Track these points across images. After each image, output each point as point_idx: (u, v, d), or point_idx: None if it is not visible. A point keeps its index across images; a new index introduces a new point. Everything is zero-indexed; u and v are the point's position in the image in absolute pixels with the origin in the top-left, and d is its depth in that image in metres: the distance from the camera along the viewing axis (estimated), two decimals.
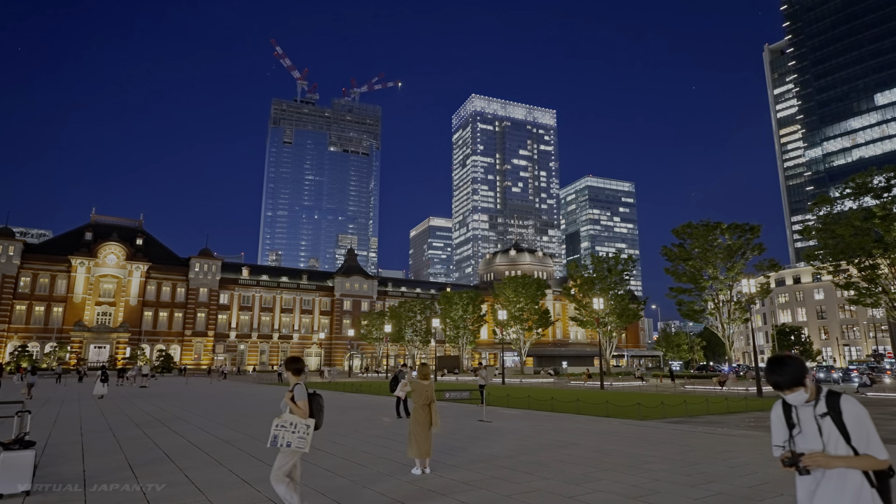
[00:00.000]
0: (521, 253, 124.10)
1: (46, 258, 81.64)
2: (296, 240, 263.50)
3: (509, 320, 69.58)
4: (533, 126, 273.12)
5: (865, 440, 2.75)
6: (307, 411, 5.45)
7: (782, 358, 2.96)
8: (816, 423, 2.87)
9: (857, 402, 2.87)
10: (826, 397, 2.92)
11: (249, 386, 42.60)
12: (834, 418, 2.82)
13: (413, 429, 8.61)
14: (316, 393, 5.66)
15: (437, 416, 8.80)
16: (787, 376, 2.90)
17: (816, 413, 2.89)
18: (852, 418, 2.80)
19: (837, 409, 2.83)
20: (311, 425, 5.45)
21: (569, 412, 19.04)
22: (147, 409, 20.89)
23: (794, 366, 2.92)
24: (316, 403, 5.57)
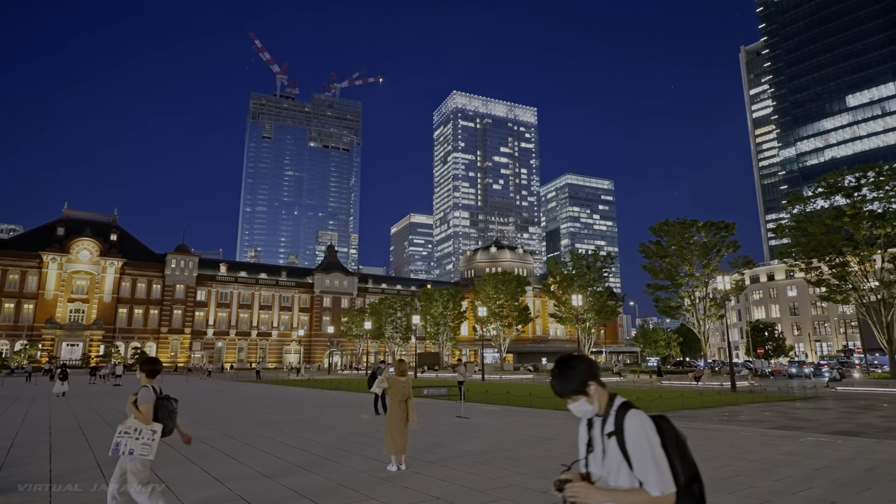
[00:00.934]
0: (501, 250, 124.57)
1: (16, 253, 79.51)
2: (275, 236, 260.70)
3: (489, 317, 69.83)
4: (514, 123, 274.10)
5: (644, 469, 2.19)
6: (150, 417, 5.07)
7: (566, 359, 2.45)
8: (602, 444, 2.35)
9: (643, 420, 2.27)
10: (616, 411, 2.35)
11: (227, 384, 42.08)
12: (619, 439, 2.27)
13: (389, 425, 8.58)
14: (167, 397, 5.32)
15: (413, 412, 8.78)
16: (566, 382, 2.38)
17: (605, 431, 2.35)
18: (633, 440, 2.23)
19: (622, 427, 2.28)
20: (158, 431, 5.09)
21: (547, 408, 19.18)
22: (120, 407, 20.48)
23: (576, 369, 2.39)
24: (164, 408, 5.18)
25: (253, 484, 7.59)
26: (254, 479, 7.87)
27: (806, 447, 10.57)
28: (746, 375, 38.99)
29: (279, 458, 9.53)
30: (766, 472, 8.24)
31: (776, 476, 7.93)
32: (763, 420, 15.88)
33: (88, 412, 18.42)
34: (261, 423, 14.95)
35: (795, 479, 7.68)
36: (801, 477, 7.85)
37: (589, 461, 2.40)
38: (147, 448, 5.01)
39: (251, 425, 14.57)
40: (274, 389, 33.33)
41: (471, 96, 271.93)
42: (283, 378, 52.82)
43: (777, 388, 31.93)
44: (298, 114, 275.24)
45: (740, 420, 15.92)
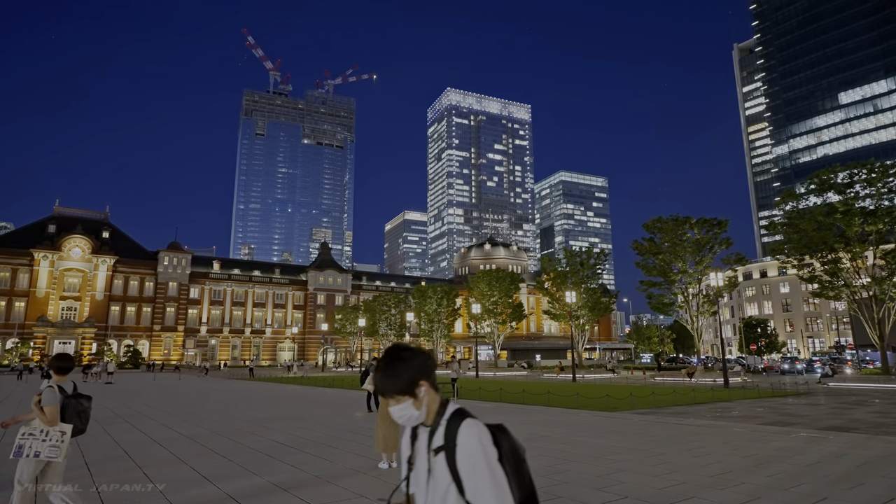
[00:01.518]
0: (495, 247, 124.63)
1: (7, 251, 78.83)
2: (269, 233, 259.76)
3: (483, 314, 69.88)
4: (508, 121, 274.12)
5: (481, 495, 1.72)
6: (56, 418, 4.81)
7: (398, 350, 1.99)
8: (428, 462, 1.87)
9: (481, 433, 1.82)
10: (448, 421, 1.87)
11: (220, 382, 41.90)
12: (448, 456, 1.79)
13: (380, 423, 8.53)
14: (78, 395, 5.08)
15: None
16: (393, 379, 1.92)
17: (432, 445, 1.86)
18: (466, 458, 1.76)
19: (454, 441, 1.80)
20: (67, 432, 4.84)
21: (540, 404, 19.18)
22: (111, 405, 20.33)
23: (408, 364, 1.94)
24: (72, 407, 4.93)
25: (242, 482, 7.51)
26: (243, 477, 7.79)
27: (798, 443, 10.59)
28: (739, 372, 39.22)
29: (270, 457, 9.45)
30: (758, 467, 8.24)
31: (768, 472, 7.93)
32: (755, 416, 15.93)
33: None
34: (253, 421, 14.85)
35: (787, 475, 7.69)
36: (793, 473, 7.86)
37: (410, 481, 1.94)
38: (56, 450, 4.79)
39: (243, 423, 14.47)
40: (267, 387, 33.21)
41: (465, 93, 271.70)
42: (276, 376, 52.65)
43: (769, 384, 32.11)
44: (292, 110, 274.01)
45: (732, 416, 15.97)
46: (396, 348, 2.00)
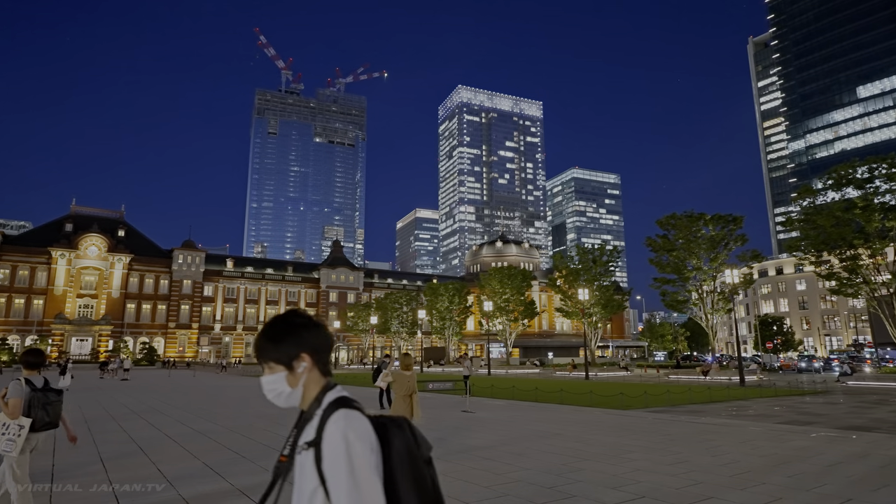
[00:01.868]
0: (507, 244, 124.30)
1: (26, 250, 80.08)
2: (281, 231, 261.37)
3: (495, 311, 69.70)
4: (519, 117, 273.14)
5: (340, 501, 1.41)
6: (18, 411, 4.78)
7: (287, 314, 1.72)
8: (300, 458, 1.58)
9: (350, 424, 1.49)
10: (325, 410, 1.57)
11: (234, 378, 42.20)
12: (316, 453, 1.51)
13: None
14: (46, 389, 5.06)
15: (418, 407, 8.68)
16: (271, 343, 1.69)
17: (303, 437, 1.59)
18: (328, 459, 1.47)
19: (321, 436, 1.51)
20: (26, 426, 4.80)
21: (553, 402, 19.04)
22: (126, 401, 20.53)
23: (292, 330, 1.67)
24: (38, 400, 4.92)
25: (254, 478, 7.49)
26: (255, 473, 7.77)
27: (818, 443, 10.37)
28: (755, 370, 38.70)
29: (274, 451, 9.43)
30: (778, 467, 8.06)
31: (788, 472, 7.75)
32: (772, 415, 15.67)
33: (95, 407, 18.45)
34: (265, 417, 14.89)
35: (808, 476, 7.50)
36: (814, 473, 7.67)
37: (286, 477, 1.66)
38: (11, 444, 4.77)
39: (255, 419, 14.51)
40: None
41: (476, 90, 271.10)
42: None
43: (786, 382, 31.64)
44: (303, 109, 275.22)
45: (749, 415, 15.72)
46: (289, 312, 1.72)
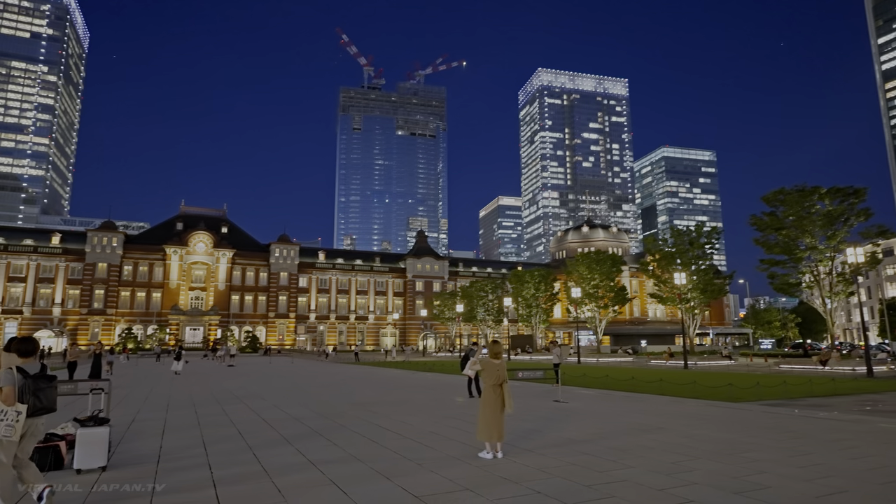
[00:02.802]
0: (594, 229, 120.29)
1: (144, 248, 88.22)
2: (368, 224, 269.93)
3: (583, 298, 67.58)
4: (603, 97, 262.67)
5: None
6: (12, 398, 4.98)
7: None
8: None
9: None
10: None
11: (327, 365, 43.95)
12: None
13: (483, 410, 8.09)
14: (40, 376, 5.27)
15: (509, 397, 8.20)
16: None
17: None
18: None
19: None
20: (22, 412, 5.01)
21: (651, 393, 17.88)
22: (230, 386, 21.79)
23: None
24: (28, 388, 5.11)
25: (344, 467, 7.40)
26: (345, 463, 7.69)
27: None
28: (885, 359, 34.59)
29: (373, 441, 9.37)
30: None
31: None
32: None
33: (202, 391, 19.70)
34: (357, 405, 15.10)
35: None
36: None
37: None
38: (10, 429, 4.97)
39: (347, 406, 14.74)
40: (371, 371, 34.25)
41: (557, 72, 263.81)
42: (380, 360, 54.44)
43: None
44: (385, 104, 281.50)
45: (886, 410, 13.81)
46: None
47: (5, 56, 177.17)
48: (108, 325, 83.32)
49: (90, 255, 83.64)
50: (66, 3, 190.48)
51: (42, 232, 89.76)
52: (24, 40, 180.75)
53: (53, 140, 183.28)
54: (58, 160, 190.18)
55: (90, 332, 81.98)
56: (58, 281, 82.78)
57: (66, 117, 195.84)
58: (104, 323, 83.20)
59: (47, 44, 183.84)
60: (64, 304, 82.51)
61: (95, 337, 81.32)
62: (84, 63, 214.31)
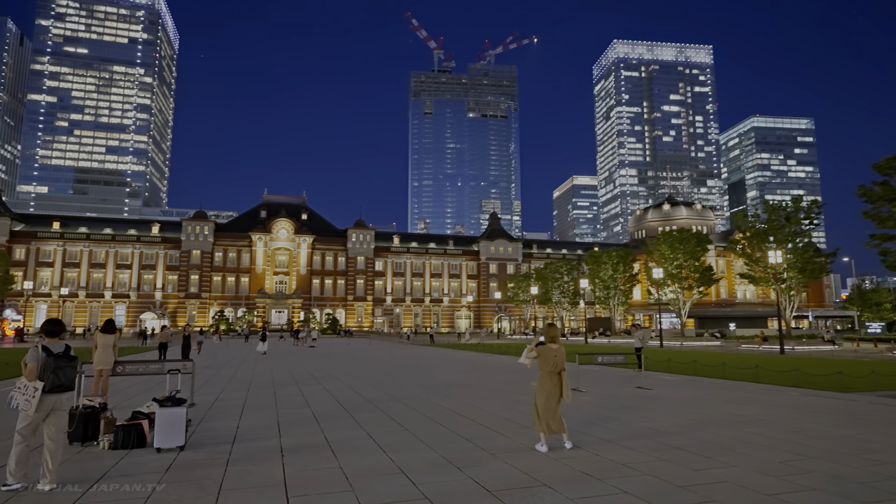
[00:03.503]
0: (675, 207, 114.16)
1: (232, 235, 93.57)
2: (441, 207, 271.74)
3: (666, 278, 64.29)
4: (685, 66, 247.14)
5: None
6: (32, 374, 5.43)
7: None
8: None
9: None
10: None
11: (403, 347, 44.64)
12: None
13: (539, 401, 7.44)
14: (61, 355, 5.64)
15: (567, 386, 7.53)
16: None
17: None
18: None
19: None
20: (39, 388, 5.39)
21: (746, 380, 16.44)
22: (309, 367, 22.45)
23: None
24: (48, 365, 5.50)
25: (414, 455, 7.12)
26: (415, 450, 7.41)
27: None
28: None
29: (444, 427, 9.06)
30: None
31: None
32: None
33: (283, 371, 20.37)
34: (429, 387, 14.93)
35: None
36: None
37: None
38: (28, 403, 5.35)
39: (420, 389, 14.60)
40: (445, 353, 34.32)
41: (633, 43, 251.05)
42: (454, 342, 54.69)
43: None
44: (456, 86, 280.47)
45: None
46: None
47: (108, 62, 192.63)
48: (203, 308, 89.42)
49: (185, 243, 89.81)
50: (158, 8, 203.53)
51: (143, 222, 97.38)
52: (123, 46, 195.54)
53: (151, 137, 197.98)
54: (155, 156, 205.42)
55: (188, 314, 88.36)
56: (158, 267, 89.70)
57: (161, 115, 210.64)
58: (199, 306, 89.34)
59: (143, 48, 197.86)
60: (164, 289, 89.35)
61: (192, 319, 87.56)
62: (175, 63, 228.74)
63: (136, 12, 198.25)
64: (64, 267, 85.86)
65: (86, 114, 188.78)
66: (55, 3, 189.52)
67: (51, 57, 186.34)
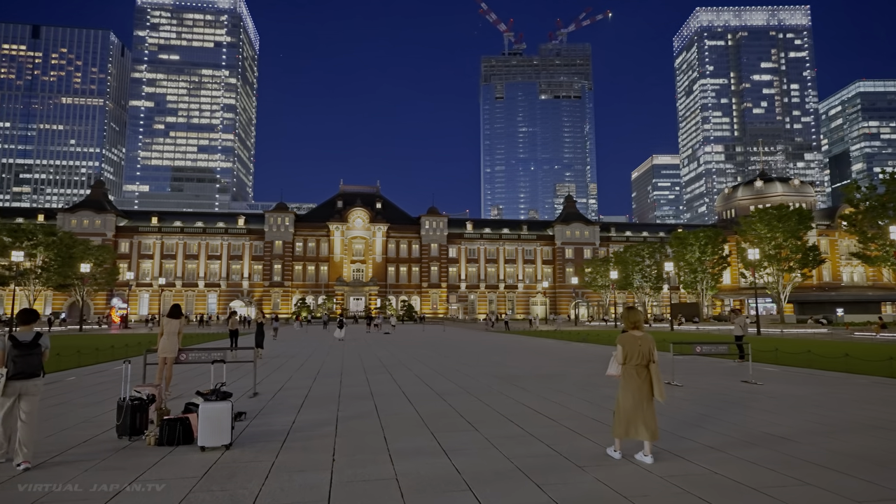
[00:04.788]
0: (769, 183, 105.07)
1: (311, 225, 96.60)
2: (514, 193, 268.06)
3: (762, 260, 59.07)
4: (778, 31, 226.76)
5: None
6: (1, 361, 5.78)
7: None
8: None
9: None
10: None
11: (477, 333, 43.77)
12: None
13: (624, 401, 6.10)
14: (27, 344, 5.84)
15: (659, 381, 6.10)
16: None
17: None
18: None
19: None
20: (3, 374, 5.69)
21: (878, 375, 14.04)
22: (381, 354, 22.01)
23: None
24: (10, 354, 5.77)
25: (479, 460, 6.09)
26: (484, 455, 6.36)
27: None
28: None
29: (519, 427, 7.95)
30: None
31: None
32: None
33: (354, 359, 20.01)
34: (504, 379, 13.85)
35: None
36: None
37: None
38: None
39: (493, 380, 13.56)
40: (520, 340, 33.06)
41: (718, 10, 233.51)
42: (530, 329, 53.18)
43: None
44: (527, 68, 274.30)
45: None
46: None
47: (196, 65, 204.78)
48: (286, 296, 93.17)
49: (268, 234, 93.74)
50: (239, 11, 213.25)
51: (230, 215, 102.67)
52: (209, 50, 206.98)
53: (237, 135, 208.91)
54: (241, 152, 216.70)
55: (272, 302, 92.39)
56: (244, 258, 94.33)
57: (245, 114, 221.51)
58: (282, 294, 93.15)
59: (227, 50, 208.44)
60: (251, 278, 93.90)
61: (277, 306, 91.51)
62: (256, 63, 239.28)
63: (220, 17, 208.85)
64: (162, 258, 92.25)
65: (179, 116, 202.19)
66: (150, 14, 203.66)
67: (148, 65, 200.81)
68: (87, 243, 70.70)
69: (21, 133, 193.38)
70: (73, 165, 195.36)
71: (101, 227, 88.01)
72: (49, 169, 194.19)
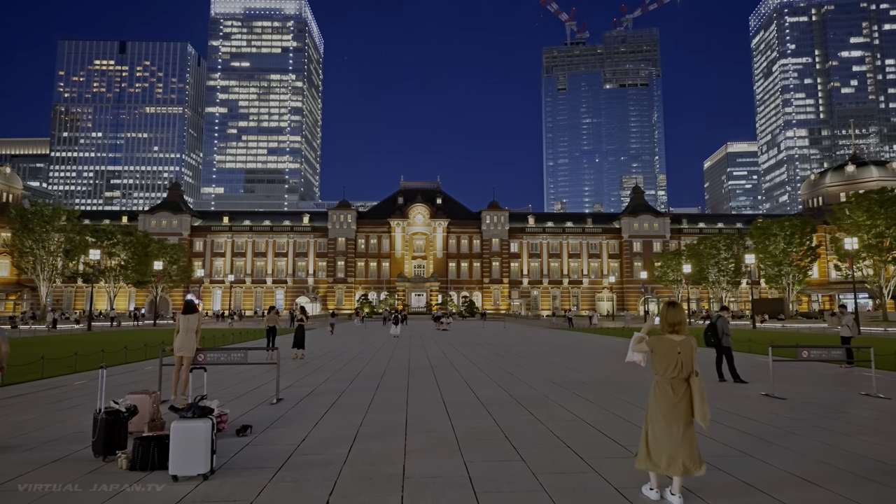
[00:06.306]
0: (863, 167, 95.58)
1: (373, 222, 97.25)
2: (578, 186, 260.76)
3: (860, 250, 53.23)
4: (870, 1, 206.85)
5: None
6: None
7: None
8: None
9: None
10: None
11: (538, 331, 41.73)
12: None
13: (651, 420, 4.54)
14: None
15: (701, 399, 4.28)
16: None
17: None
18: None
19: None
20: None
21: None
22: (431, 353, 20.67)
23: None
24: None
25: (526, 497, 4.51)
26: (528, 498, 4.76)
27: None
28: None
29: (577, 456, 6.25)
30: None
31: None
32: None
33: (401, 359, 18.77)
34: (564, 385, 12.09)
35: None
36: None
37: None
38: None
39: (552, 387, 11.82)
40: (584, 338, 30.83)
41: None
42: (593, 327, 50.36)
43: None
44: (591, 58, 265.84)
45: None
46: None
47: (265, 71, 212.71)
48: (349, 292, 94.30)
49: (331, 231, 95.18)
50: (304, 17, 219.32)
51: (296, 214, 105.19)
52: (276, 55, 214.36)
53: (304, 137, 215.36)
54: (308, 153, 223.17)
55: (336, 298, 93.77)
56: (309, 255, 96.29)
57: (311, 116, 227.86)
58: (346, 290, 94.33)
59: (293, 55, 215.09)
60: (315, 275, 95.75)
61: (340, 302, 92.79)
62: (321, 66, 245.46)
63: (286, 23, 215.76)
64: (233, 256, 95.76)
65: (250, 120, 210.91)
66: (223, 24, 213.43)
67: (221, 72, 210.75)
68: (161, 242, 74.26)
69: (111, 142, 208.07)
70: (156, 171, 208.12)
71: (177, 227, 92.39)
72: (135, 174, 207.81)
